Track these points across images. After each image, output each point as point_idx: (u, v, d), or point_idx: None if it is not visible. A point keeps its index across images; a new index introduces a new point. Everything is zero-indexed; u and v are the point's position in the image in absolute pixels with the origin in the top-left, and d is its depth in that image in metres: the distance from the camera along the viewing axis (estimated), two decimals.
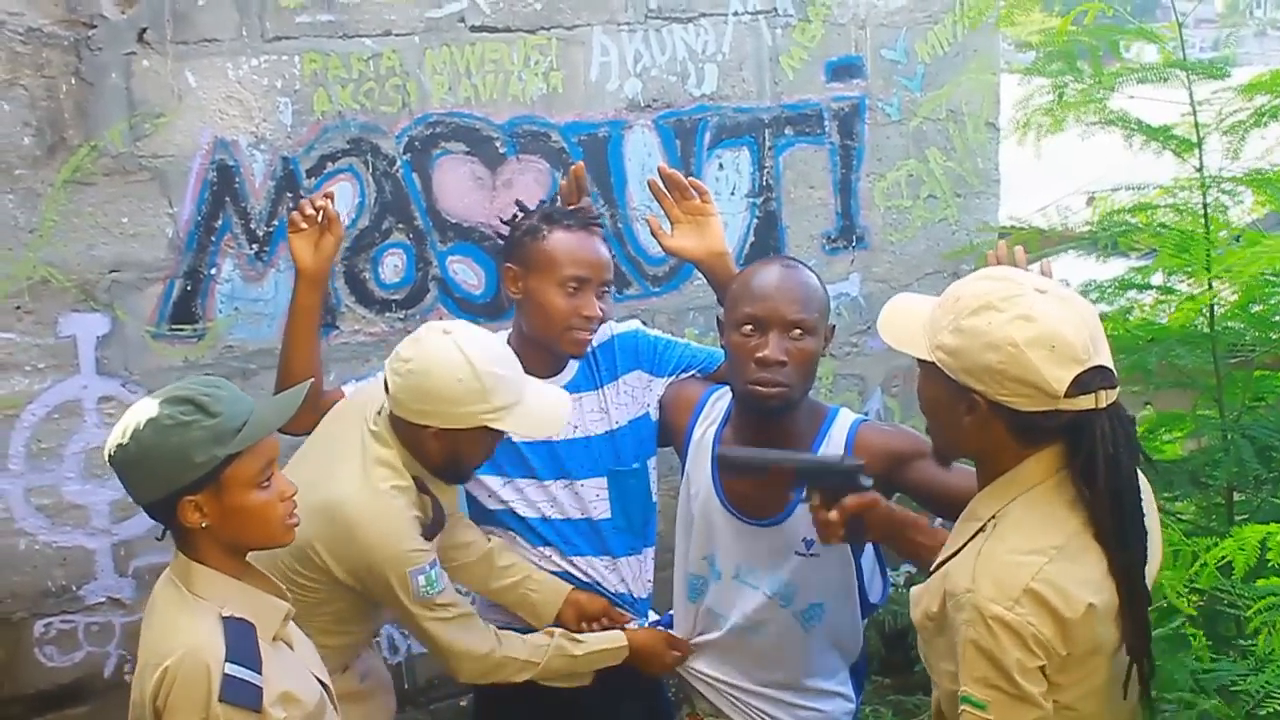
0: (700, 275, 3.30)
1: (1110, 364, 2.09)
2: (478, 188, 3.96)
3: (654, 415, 3.19)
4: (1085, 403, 2.04)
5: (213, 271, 3.65)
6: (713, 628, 3.01)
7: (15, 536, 3.54)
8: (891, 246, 4.77)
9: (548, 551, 3.17)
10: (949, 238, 4.89)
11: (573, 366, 3.15)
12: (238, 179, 3.64)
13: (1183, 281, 3.33)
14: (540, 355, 3.07)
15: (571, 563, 3.16)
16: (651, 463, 3.23)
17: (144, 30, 3.46)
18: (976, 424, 2.12)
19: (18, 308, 3.45)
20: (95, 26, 3.41)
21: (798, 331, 2.75)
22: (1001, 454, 2.15)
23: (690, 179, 3.15)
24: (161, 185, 3.56)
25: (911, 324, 2.23)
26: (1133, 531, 2.10)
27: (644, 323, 3.32)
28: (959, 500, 2.49)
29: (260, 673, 2.20)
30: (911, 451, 2.75)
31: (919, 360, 2.20)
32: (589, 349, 3.13)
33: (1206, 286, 3.16)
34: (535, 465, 3.13)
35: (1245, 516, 3.13)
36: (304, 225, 3.03)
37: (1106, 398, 2.06)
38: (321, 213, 3.03)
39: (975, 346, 2.06)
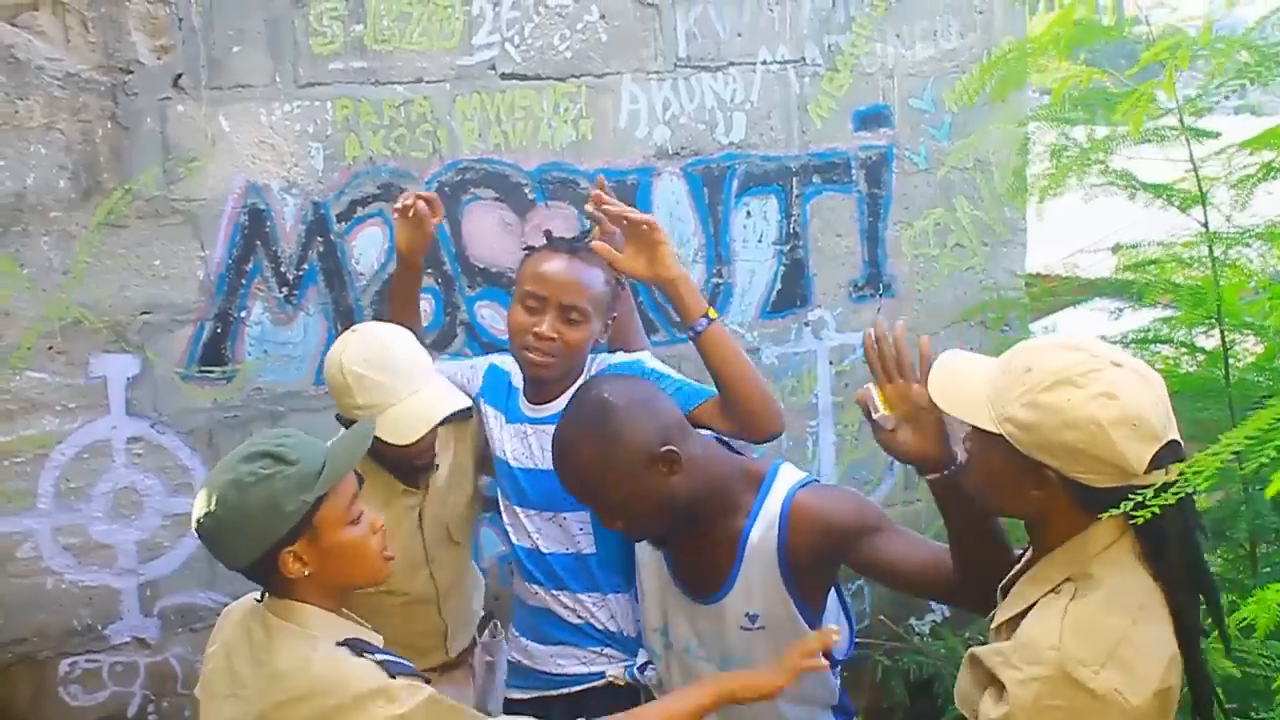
0: (728, 325, 3.28)
1: (1179, 436, 2.03)
2: (506, 233, 3.98)
3: None
4: (1158, 478, 1.96)
5: (243, 314, 3.68)
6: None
7: (42, 575, 3.57)
8: (918, 294, 4.77)
9: (534, 589, 3.19)
10: (976, 286, 4.88)
11: (568, 395, 3.08)
12: (269, 223, 3.68)
13: (1200, 334, 3.32)
14: (540, 384, 3.12)
15: (556, 598, 3.17)
16: None
17: (179, 76, 3.51)
18: (1045, 497, 2.06)
19: (50, 348, 3.49)
20: (131, 72, 3.46)
21: (603, 514, 2.72)
22: (1063, 522, 2.08)
23: (638, 215, 3.04)
24: (193, 228, 3.60)
25: (969, 390, 2.14)
26: (1203, 600, 2.06)
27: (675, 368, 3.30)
28: (913, 576, 2.48)
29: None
30: (857, 527, 2.61)
31: (975, 429, 2.13)
32: (576, 377, 3.13)
33: (1219, 339, 3.16)
34: (528, 491, 3.16)
35: (1268, 570, 3.11)
36: (395, 216, 3.25)
37: (1177, 471, 2.00)
38: (412, 210, 3.18)
39: (1053, 424, 1.98)
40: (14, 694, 3.60)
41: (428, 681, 2.27)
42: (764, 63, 4.33)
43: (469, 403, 3.12)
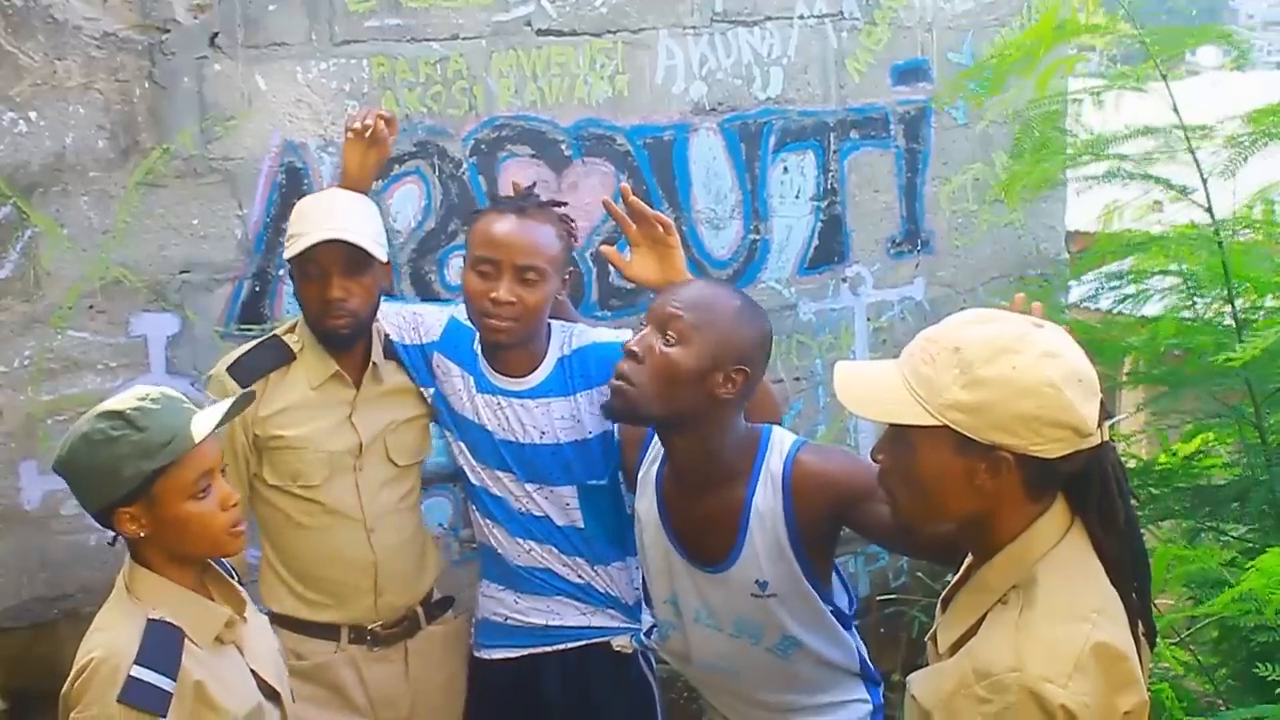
0: (765, 282, 3.24)
1: None
2: (543, 190, 3.95)
3: None
4: (1097, 437, 1.87)
5: (280, 273, 3.68)
6: (690, 662, 2.87)
7: (86, 532, 3.58)
8: (957, 251, 4.74)
9: (527, 545, 3.11)
10: (1015, 242, 4.85)
11: (545, 369, 3.06)
12: (306, 181, 3.67)
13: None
14: (500, 351, 3.04)
15: (557, 558, 3.11)
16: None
17: (215, 35, 3.51)
18: (996, 485, 1.90)
19: (90, 307, 3.50)
20: (168, 31, 3.45)
21: (672, 336, 2.54)
22: (1007, 517, 1.94)
23: (655, 213, 2.94)
24: (231, 187, 3.60)
25: (884, 392, 1.96)
26: (1144, 563, 1.97)
27: None
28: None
29: (175, 679, 2.23)
30: (863, 488, 2.47)
31: (903, 427, 1.94)
32: (563, 353, 3.08)
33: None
34: (511, 463, 3.08)
35: None
36: (350, 135, 3.15)
37: (1108, 428, 1.91)
38: (370, 130, 3.11)
39: (1005, 395, 1.84)
40: (59, 649, 3.62)
41: None
42: (801, 17, 4.30)
43: (357, 242, 2.94)
